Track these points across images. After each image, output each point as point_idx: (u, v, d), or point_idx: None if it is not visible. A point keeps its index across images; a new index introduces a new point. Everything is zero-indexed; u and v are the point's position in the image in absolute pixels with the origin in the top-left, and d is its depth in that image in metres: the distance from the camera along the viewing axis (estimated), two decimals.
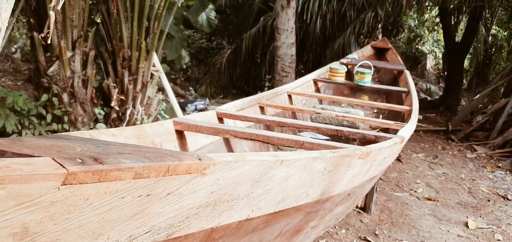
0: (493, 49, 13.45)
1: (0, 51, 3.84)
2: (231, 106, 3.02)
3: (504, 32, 13.51)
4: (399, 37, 14.00)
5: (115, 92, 4.59)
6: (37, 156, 0.88)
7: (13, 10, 4.25)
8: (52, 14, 2.93)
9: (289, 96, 4.31)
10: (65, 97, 4.40)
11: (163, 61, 7.41)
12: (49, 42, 3.20)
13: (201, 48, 10.06)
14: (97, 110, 4.56)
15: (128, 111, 4.60)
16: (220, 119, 2.82)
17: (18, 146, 0.98)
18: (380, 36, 10.40)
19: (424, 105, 8.90)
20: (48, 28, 2.89)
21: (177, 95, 7.68)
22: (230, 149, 2.73)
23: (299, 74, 7.75)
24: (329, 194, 1.84)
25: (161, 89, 5.21)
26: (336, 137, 3.00)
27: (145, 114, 4.79)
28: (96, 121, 4.56)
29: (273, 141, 2.21)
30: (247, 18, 8.90)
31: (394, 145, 2.38)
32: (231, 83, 8.38)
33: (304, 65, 8.86)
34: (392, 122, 3.35)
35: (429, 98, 10.80)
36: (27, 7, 4.22)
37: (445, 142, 6.44)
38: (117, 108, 4.59)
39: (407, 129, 2.84)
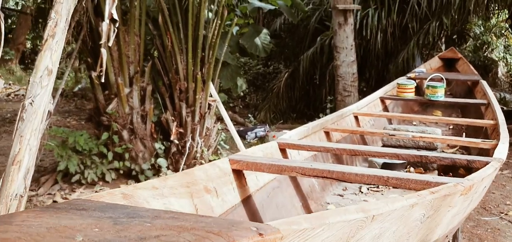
0: None
1: (60, 92, 3.85)
2: (294, 135, 2.76)
3: None
4: (464, 46, 13.23)
5: (173, 126, 4.49)
6: None
7: (72, 51, 4.30)
8: (104, 51, 2.84)
9: (356, 117, 4.00)
10: (125, 134, 4.35)
11: (219, 90, 7.32)
12: (103, 80, 3.12)
13: (258, 74, 9.92)
14: (157, 145, 4.48)
15: (188, 144, 4.47)
16: (283, 151, 2.57)
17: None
18: (443, 47, 9.80)
19: None
20: (101, 66, 2.81)
21: (237, 123, 7.55)
22: (296, 185, 2.47)
23: (361, 92, 7.38)
24: None
25: (219, 119, 5.07)
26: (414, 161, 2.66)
27: (205, 146, 4.65)
28: (157, 155, 4.47)
29: (350, 178, 1.90)
30: (303, 39, 8.67)
31: (494, 171, 2.01)
32: (291, 107, 8.14)
33: (366, 83, 8.46)
34: (478, 140, 2.94)
35: (505, 108, 10.00)
36: (84, 47, 4.23)
37: None
38: (176, 141, 4.48)
39: (503, 148, 2.44)
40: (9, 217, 0.88)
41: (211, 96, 4.73)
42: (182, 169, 4.42)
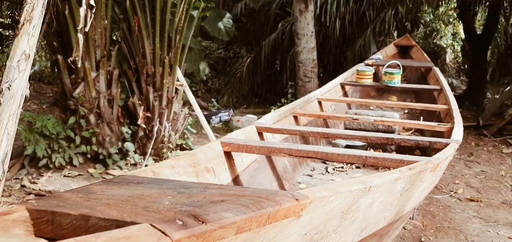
0: None
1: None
2: (269, 119, 2.93)
3: None
4: (415, 33, 13.77)
5: (141, 110, 4.53)
6: (130, 221, 0.76)
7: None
8: (80, 37, 2.87)
9: (319, 102, 4.20)
10: (92, 118, 4.36)
11: (184, 74, 7.34)
12: (79, 65, 3.14)
13: (219, 58, 9.99)
14: (124, 129, 4.51)
15: (155, 128, 4.53)
16: (260, 134, 2.72)
17: (96, 204, 0.87)
18: (395, 34, 10.21)
19: None
20: (77, 51, 2.83)
21: (200, 107, 7.60)
22: (272, 166, 2.64)
23: (318, 78, 7.62)
24: (401, 214, 1.73)
25: (186, 103, 5.14)
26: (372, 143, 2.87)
27: (172, 130, 4.72)
28: (124, 140, 4.51)
29: (333, 157, 2.08)
30: (264, 25, 8.80)
31: (454, 152, 2.25)
32: (253, 92, 8.28)
33: (324, 69, 8.72)
34: (435, 123, 3.21)
35: (452, 93, 10.53)
36: (49, 30, 4.19)
37: (478, 138, 6.24)
38: (143, 126, 4.53)
39: (459, 131, 2.70)
40: (86, 188, 0.99)
41: (178, 80, 4.79)
42: (150, 153, 4.48)
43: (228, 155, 2.18)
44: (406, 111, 4.97)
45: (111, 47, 4.65)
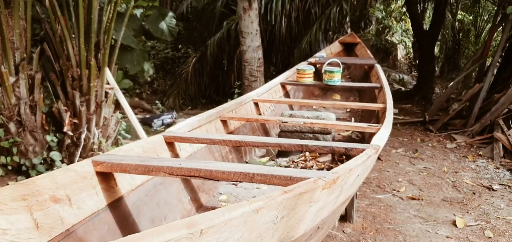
0: (461, 34, 13.45)
1: None
2: (184, 126, 2.63)
3: (470, 16, 13.56)
4: (367, 30, 13.87)
5: (67, 116, 4.21)
6: None
7: None
8: None
9: (256, 104, 3.98)
10: (12, 127, 4.01)
11: (125, 76, 7.01)
12: None
13: (167, 58, 9.66)
14: (49, 137, 4.17)
15: (83, 136, 4.22)
16: (170, 144, 2.44)
17: None
18: (349, 30, 10.21)
19: (399, 97, 8.72)
20: None
21: (144, 110, 7.29)
22: (185, 178, 2.34)
23: (271, 76, 7.46)
24: (289, 239, 1.50)
25: (119, 106, 4.83)
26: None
27: (103, 136, 4.41)
28: (49, 149, 4.17)
29: (217, 175, 1.78)
30: (210, 23, 8.55)
31: (368, 159, 2.03)
32: (200, 92, 8.01)
33: (275, 67, 8.58)
34: (365, 125, 3.04)
35: (403, 89, 10.65)
36: None
37: (424, 134, 6.23)
38: (70, 133, 4.21)
39: (382, 135, 2.50)
40: None
41: (108, 83, 4.49)
42: (78, 162, 4.17)
43: (105, 175, 1.88)
44: (348, 110, 4.85)
45: (33, 49, 4.30)
